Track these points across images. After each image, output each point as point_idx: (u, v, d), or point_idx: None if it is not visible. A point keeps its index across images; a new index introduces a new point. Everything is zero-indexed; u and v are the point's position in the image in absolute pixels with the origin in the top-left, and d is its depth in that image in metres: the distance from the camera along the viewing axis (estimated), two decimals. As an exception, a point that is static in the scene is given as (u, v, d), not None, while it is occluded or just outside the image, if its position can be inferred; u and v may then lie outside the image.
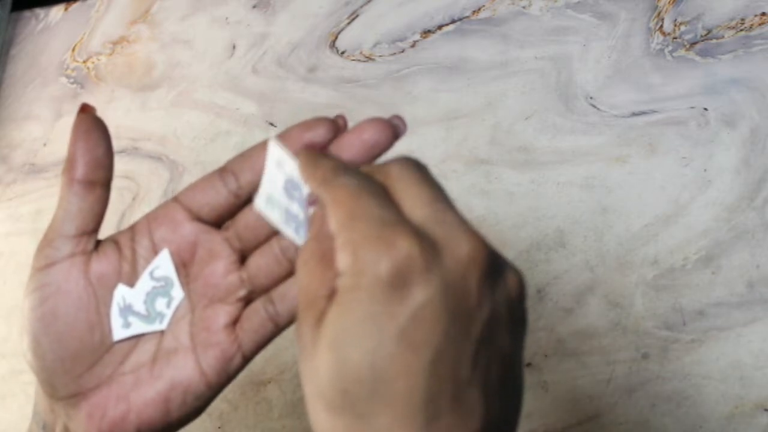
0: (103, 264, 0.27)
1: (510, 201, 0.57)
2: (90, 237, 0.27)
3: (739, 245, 0.50)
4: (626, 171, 0.55)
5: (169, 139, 0.70)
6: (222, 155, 0.67)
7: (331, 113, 0.28)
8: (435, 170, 0.25)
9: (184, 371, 0.27)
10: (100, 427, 0.26)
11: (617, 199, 0.54)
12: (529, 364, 0.51)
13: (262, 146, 0.28)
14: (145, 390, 0.27)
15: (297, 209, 0.27)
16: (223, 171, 0.28)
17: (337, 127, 0.27)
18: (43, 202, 0.73)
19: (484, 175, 0.58)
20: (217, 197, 0.28)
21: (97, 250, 0.28)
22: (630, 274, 0.52)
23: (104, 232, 0.28)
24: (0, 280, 0.71)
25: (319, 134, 0.27)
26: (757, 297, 0.49)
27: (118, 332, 0.27)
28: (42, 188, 0.73)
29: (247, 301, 0.28)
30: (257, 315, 0.28)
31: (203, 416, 0.28)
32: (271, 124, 0.68)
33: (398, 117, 0.27)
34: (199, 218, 0.28)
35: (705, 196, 0.52)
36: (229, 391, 0.57)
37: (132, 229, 0.29)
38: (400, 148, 0.26)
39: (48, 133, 0.76)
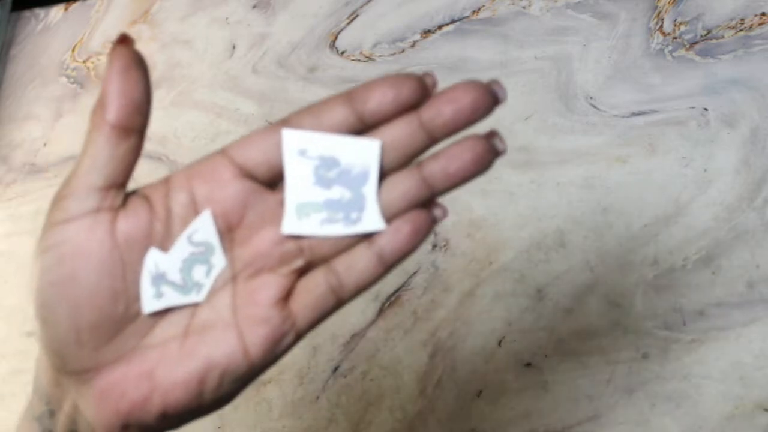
0: (131, 223, 0.23)
1: (510, 201, 0.57)
2: (119, 191, 0.24)
3: (739, 245, 0.50)
4: (626, 171, 0.55)
5: (169, 139, 0.70)
6: (222, 155, 0.67)
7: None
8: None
9: (224, 349, 0.23)
10: (118, 408, 0.23)
11: (617, 199, 0.54)
12: (529, 364, 0.51)
13: (328, 101, 0.24)
14: (174, 368, 0.23)
15: (340, 191, 0.24)
16: (284, 124, 0.24)
17: (426, 88, 0.24)
18: (43, 202, 0.73)
19: (484, 175, 0.58)
20: (276, 154, 0.24)
21: (125, 206, 0.24)
22: (630, 274, 0.52)
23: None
24: (0, 280, 0.71)
25: (405, 94, 0.23)
26: (757, 297, 0.49)
27: (150, 303, 0.23)
28: (42, 188, 0.73)
29: (301, 272, 0.25)
30: (318, 287, 0.24)
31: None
32: (271, 125, 0.68)
33: (497, 82, 0.23)
34: (250, 176, 0.24)
35: (705, 196, 0.52)
36: (229, 391, 0.57)
37: (167, 182, 0.25)
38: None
39: (48, 133, 0.76)
